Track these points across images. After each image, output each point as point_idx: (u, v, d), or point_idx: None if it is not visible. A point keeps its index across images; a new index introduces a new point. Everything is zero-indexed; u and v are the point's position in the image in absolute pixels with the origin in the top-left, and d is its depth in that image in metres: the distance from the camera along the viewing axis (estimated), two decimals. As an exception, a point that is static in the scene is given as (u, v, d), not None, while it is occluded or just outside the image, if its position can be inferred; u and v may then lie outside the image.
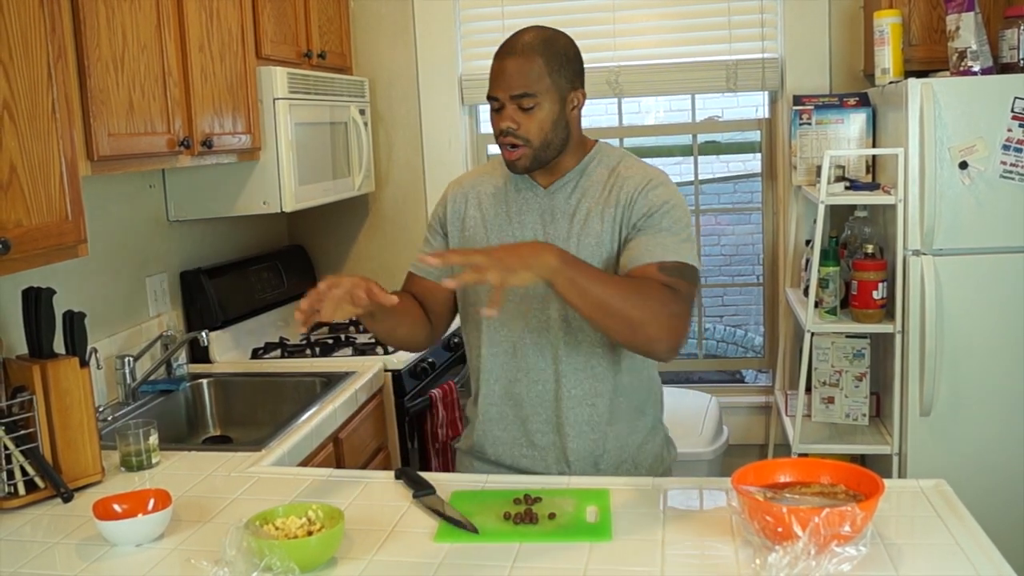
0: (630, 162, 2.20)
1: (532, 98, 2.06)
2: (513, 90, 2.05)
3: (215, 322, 3.41)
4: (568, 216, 2.14)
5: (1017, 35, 3.07)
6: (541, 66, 2.07)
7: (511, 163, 2.11)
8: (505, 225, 2.18)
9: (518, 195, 2.20)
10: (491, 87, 2.10)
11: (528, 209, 2.18)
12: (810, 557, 1.52)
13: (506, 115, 2.07)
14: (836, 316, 3.41)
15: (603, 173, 2.17)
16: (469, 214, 2.24)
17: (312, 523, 1.76)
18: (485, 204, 2.23)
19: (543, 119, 2.08)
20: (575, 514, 1.88)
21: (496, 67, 2.10)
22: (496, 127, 2.09)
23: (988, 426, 3.18)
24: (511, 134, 2.07)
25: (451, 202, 2.28)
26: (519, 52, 2.09)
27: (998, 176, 3.07)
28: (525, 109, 2.06)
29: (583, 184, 2.17)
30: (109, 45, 2.37)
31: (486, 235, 2.20)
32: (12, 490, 2.09)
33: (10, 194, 1.94)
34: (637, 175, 2.13)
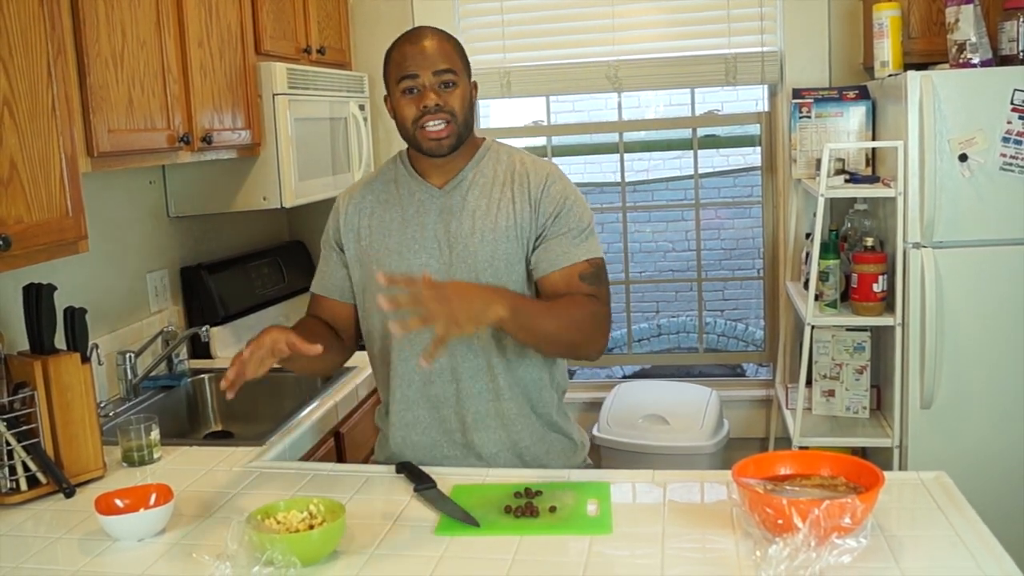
0: (522, 156, 2.23)
1: (453, 74, 2.09)
2: (437, 66, 2.07)
3: (216, 318, 3.42)
4: (469, 213, 2.15)
5: (1016, 27, 3.07)
6: (453, 49, 2.13)
7: (437, 142, 2.09)
8: (404, 229, 2.17)
9: (412, 198, 2.19)
10: (406, 68, 2.08)
11: (426, 210, 2.17)
12: (810, 549, 1.52)
13: (428, 93, 2.07)
14: (836, 309, 3.41)
15: (498, 169, 2.19)
16: (362, 224, 2.23)
17: (313, 517, 1.77)
18: (379, 212, 2.22)
19: (463, 96, 2.11)
20: (576, 507, 1.89)
21: (409, 50, 2.09)
22: (416, 108, 2.08)
23: (988, 418, 3.19)
24: (440, 110, 2.07)
25: (343, 216, 2.28)
26: (432, 36, 2.12)
27: (998, 168, 3.07)
28: (447, 85, 2.08)
29: (479, 181, 2.18)
30: (108, 42, 2.37)
31: (384, 241, 2.19)
32: (14, 485, 2.09)
33: (10, 190, 1.94)
34: (535, 170, 2.18)
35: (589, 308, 2.09)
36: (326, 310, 2.32)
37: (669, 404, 3.95)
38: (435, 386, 2.19)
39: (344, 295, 2.31)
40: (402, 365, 2.20)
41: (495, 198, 2.15)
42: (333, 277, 2.31)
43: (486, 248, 2.12)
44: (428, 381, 2.19)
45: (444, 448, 2.22)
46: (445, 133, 2.09)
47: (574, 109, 7.22)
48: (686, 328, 7.86)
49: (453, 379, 2.18)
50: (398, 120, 2.14)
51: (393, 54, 2.13)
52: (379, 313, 2.18)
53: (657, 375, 4.76)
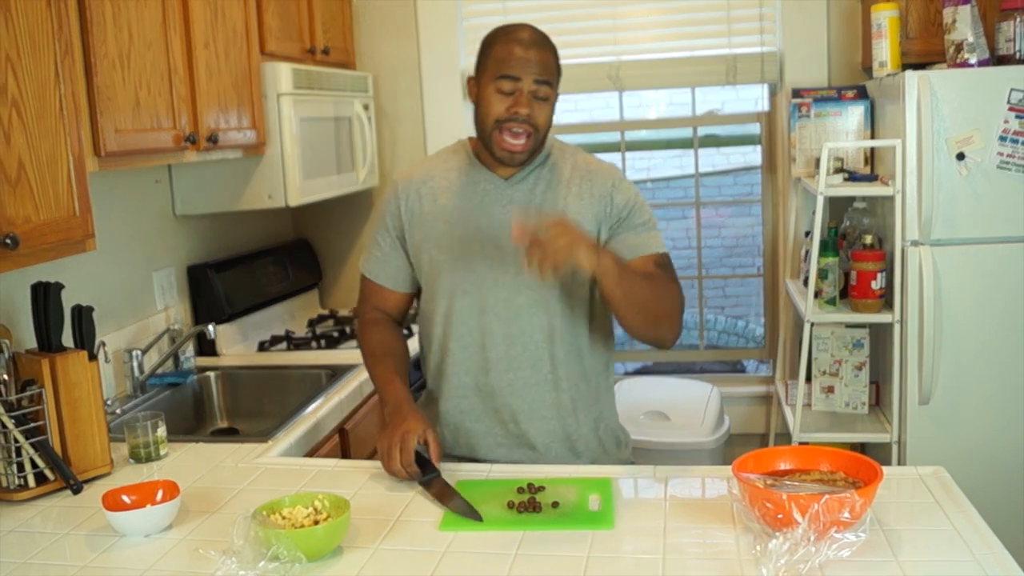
0: (585, 156, 2.27)
1: (550, 88, 2.09)
2: (539, 75, 2.07)
3: (222, 315, 3.43)
4: (536, 206, 2.17)
5: (1013, 27, 3.09)
6: (554, 63, 2.12)
7: (511, 152, 2.10)
8: (469, 218, 2.18)
9: (476, 187, 2.20)
10: (510, 68, 2.07)
11: (491, 201, 2.19)
12: (810, 543, 1.54)
13: (523, 100, 2.06)
14: (835, 306, 3.43)
15: (564, 166, 2.22)
16: (425, 210, 2.23)
17: (319, 513, 1.78)
18: (442, 198, 2.22)
19: (550, 113, 2.12)
20: (578, 502, 1.90)
21: (516, 50, 2.07)
22: (507, 111, 2.07)
23: (986, 414, 3.20)
24: (527, 121, 2.07)
25: (403, 198, 2.26)
26: (539, 44, 2.09)
27: (995, 167, 3.09)
28: (541, 99, 2.08)
29: (545, 176, 2.20)
30: (115, 42, 2.39)
31: (448, 229, 2.19)
32: (22, 482, 2.11)
33: (19, 190, 1.96)
34: (602, 169, 2.22)
35: (674, 289, 2.14)
36: (385, 298, 2.33)
37: (670, 400, 3.96)
38: (492, 375, 2.20)
39: (400, 284, 2.31)
40: (461, 352, 2.22)
41: (562, 193, 2.18)
42: (389, 265, 2.30)
43: None
44: (485, 370, 2.21)
45: (498, 437, 2.24)
46: (521, 148, 2.10)
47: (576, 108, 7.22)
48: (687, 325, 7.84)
49: (510, 368, 2.19)
50: (480, 111, 2.13)
51: (496, 48, 2.11)
52: (445, 299, 2.20)
53: (658, 372, 4.77)
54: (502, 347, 2.18)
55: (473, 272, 2.17)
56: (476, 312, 2.18)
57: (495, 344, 2.19)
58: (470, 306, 2.18)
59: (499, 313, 2.17)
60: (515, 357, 2.19)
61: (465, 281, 2.17)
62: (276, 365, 3.33)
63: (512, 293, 2.16)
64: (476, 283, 2.17)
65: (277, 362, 3.37)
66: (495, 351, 2.19)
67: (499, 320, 2.18)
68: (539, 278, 1.88)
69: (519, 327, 2.17)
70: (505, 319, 2.17)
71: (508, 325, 2.18)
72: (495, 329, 2.18)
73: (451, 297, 2.20)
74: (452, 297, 2.20)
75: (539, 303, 2.17)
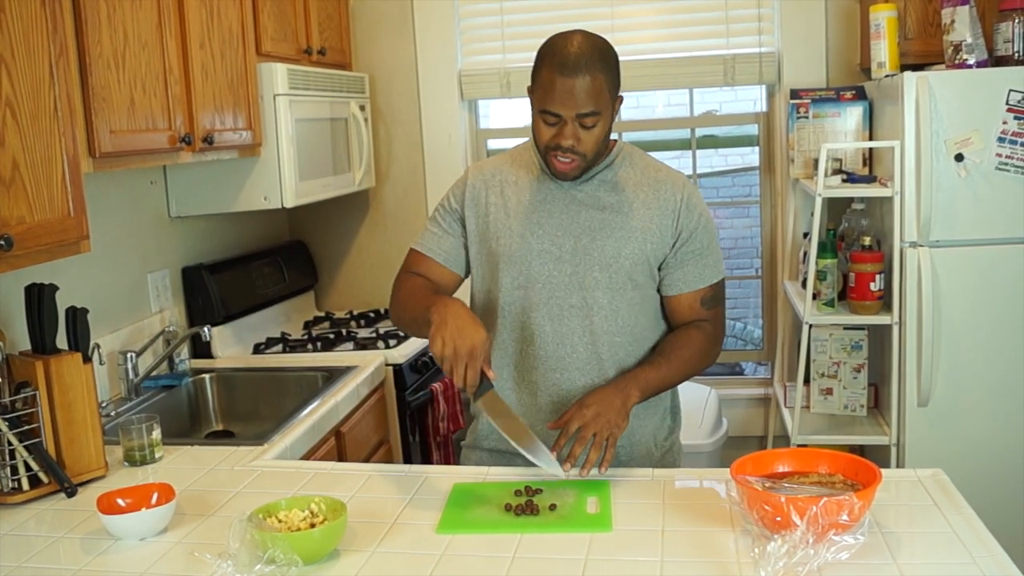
0: (654, 163, 2.26)
1: (596, 116, 2.04)
2: (580, 109, 2.01)
3: (217, 317, 3.42)
4: (599, 208, 2.16)
5: (1012, 28, 3.08)
6: (603, 83, 2.03)
7: (561, 174, 2.10)
8: (530, 213, 2.19)
9: (542, 184, 2.20)
10: (551, 103, 2.02)
11: (554, 199, 2.18)
12: (808, 546, 1.53)
13: (567, 132, 2.03)
14: (834, 308, 3.42)
15: (631, 171, 2.20)
16: (491, 200, 2.24)
17: (315, 516, 1.78)
18: (508, 192, 2.23)
19: (600, 133, 2.08)
20: (576, 505, 1.90)
21: (559, 82, 2.00)
22: (551, 140, 2.05)
23: (985, 416, 3.20)
24: (571, 150, 2.05)
25: (471, 187, 2.27)
26: (584, 69, 2.00)
27: (993, 168, 3.08)
28: (587, 127, 2.05)
29: (610, 178, 2.19)
30: (110, 43, 2.38)
31: (508, 222, 2.20)
32: (16, 485, 2.10)
33: (13, 191, 1.95)
34: (672, 180, 2.20)
35: (698, 344, 2.20)
36: (430, 270, 2.28)
37: (668, 403, 3.95)
38: (537, 372, 2.20)
39: (451, 262, 2.28)
40: (512, 346, 2.22)
41: (627, 199, 2.17)
42: (443, 242, 2.28)
43: (611, 245, 2.13)
44: (531, 367, 2.20)
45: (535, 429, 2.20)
46: (570, 169, 2.09)
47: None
48: (685, 327, 7.85)
49: (557, 368, 2.19)
50: (532, 129, 2.11)
51: (543, 71, 2.03)
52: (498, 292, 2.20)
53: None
54: (551, 345, 2.18)
55: (529, 268, 2.17)
56: (528, 308, 2.18)
57: (544, 342, 2.18)
58: (522, 301, 2.18)
59: (551, 311, 2.17)
60: (563, 357, 2.18)
61: (520, 276, 2.18)
62: (272, 367, 3.32)
63: (566, 292, 2.16)
64: (531, 279, 2.17)
65: (273, 364, 3.36)
66: (544, 349, 2.19)
67: (550, 319, 2.17)
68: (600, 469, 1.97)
69: (569, 327, 2.17)
70: (556, 318, 2.17)
71: (558, 324, 2.17)
72: (545, 327, 2.18)
73: (505, 291, 2.20)
74: (506, 291, 2.19)
75: (591, 306, 2.16)
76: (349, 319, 3.99)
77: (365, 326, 3.86)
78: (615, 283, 2.15)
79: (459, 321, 1.91)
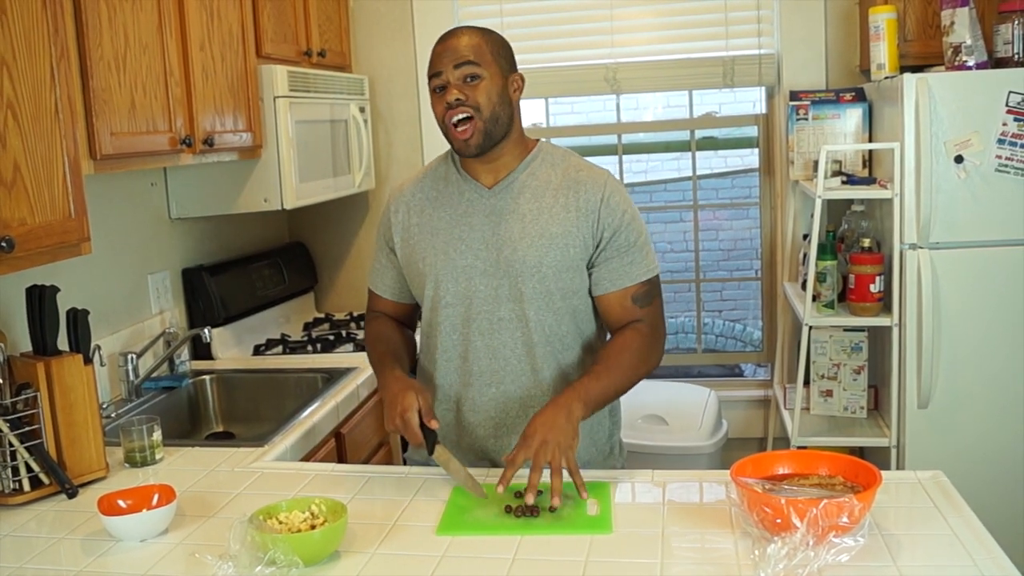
0: (576, 161, 2.22)
1: (476, 66, 2.06)
2: (458, 59, 2.05)
3: (217, 319, 3.42)
4: (519, 216, 2.13)
5: (1011, 29, 3.09)
6: (482, 43, 2.09)
7: (464, 142, 2.08)
8: (452, 228, 2.17)
9: (462, 198, 2.18)
10: (432, 67, 2.09)
11: (474, 211, 2.16)
12: (808, 548, 1.53)
13: (450, 90, 2.06)
14: (834, 310, 3.42)
15: (551, 173, 2.17)
16: (412, 221, 2.22)
17: (315, 517, 1.78)
18: (427, 210, 2.21)
19: (489, 89, 2.07)
20: (576, 507, 1.90)
21: (437, 49, 2.09)
22: (442, 105, 2.07)
23: (985, 418, 3.20)
24: (460, 104, 2.05)
25: (393, 212, 2.27)
26: (461, 34, 2.09)
27: (993, 170, 3.09)
28: (470, 79, 2.06)
29: (530, 184, 2.16)
30: (111, 45, 2.38)
31: (432, 240, 2.18)
32: (17, 486, 2.10)
33: (14, 193, 1.95)
34: (592, 178, 2.16)
35: (636, 346, 2.13)
36: (385, 307, 2.36)
37: (668, 404, 3.96)
38: (473, 388, 2.19)
39: (398, 295, 2.33)
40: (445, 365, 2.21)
41: (547, 204, 2.14)
42: (387, 276, 2.33)
43: (534, 254, 2.11)
44: (466, 383, 2.19)
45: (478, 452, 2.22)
46: (469, 131, 2.07)
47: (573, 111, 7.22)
48: (684, 329, 7.85)
49: (492, 382, 2.18)
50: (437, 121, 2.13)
51: (432, 53, 2.12)
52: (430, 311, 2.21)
53: (656, 375, 4.74)
54: (484, 360, 2.17)
55: (456, 283, 2.15)
56: (459, 324, 2.17)
57: (478, 357, 2.17)
58: (453, 317, 2.17)
59: (481, 326, 2.15)
60: (497, 371, 2.17)
61: (448, 293, 2.16)
62: (272, 369, 3.32)
63: (494, 305, 2.14)
64: (459, 295, 2.15)
65: (273, 366, 3.36)
66: (477, 364, 2.17)
67: (481, 333, 2.16)
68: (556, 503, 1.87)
69: (501, 340, 2.15)
70: (487, 332, 2.15)
71: (490, 338, 2.16)
72: (477, 342, 2.16)
73: (434, 309, 2.19)
74: (436, 309, 2.19)
75: (521, 317, 2.14)
76: (349, 320, 3.99)
77: (364, 328, 3.85)
78: (542, 292, 2.12)
79: (389, 395, 2.06)
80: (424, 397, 2.02)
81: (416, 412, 1.99)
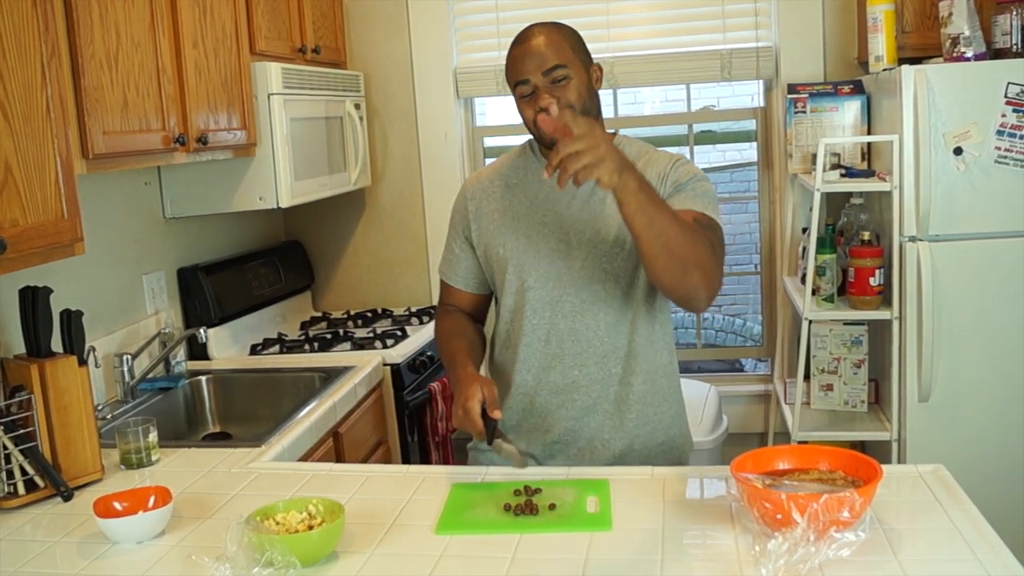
0: (651, 148, 2.24)
1: (564, 69, 2.06)
2: (545, 65, 2.05)
3: (213, 319, 3.41)
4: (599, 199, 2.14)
5: (1009, 20, 3.07)
6: (561, 40, 2.09)
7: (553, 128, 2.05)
8: (533, 213, 2.18)
9: (541, 184, 2.20)
10: (517, 73, 2.07)
11: (556, 197, 2.18)
12: (809, 543, 1.53)
13: (541, 96, 2.05)
14: (834, 303, 3.41)
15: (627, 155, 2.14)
16: (491, 207, 2.24)
17: (313, 517, 1.77)
18: (507, 195, 2.23)
19: (579, 86, 2.08)
20: (575, 504, 1.89)
21: (517, 53, 2.08)
22: (533, 111, 2.06)
23: (986, 411, 3.19)
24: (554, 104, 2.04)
25: (469, 201, 2.28)
26: (538, 34, 2.09)
27: (992, 161, 3.08)
28: (559, 82, 2.06)
29: None
30: (103, 43, 2.36)
31: (513, 224, 2.19)
32: (12, 489, 2.09)
33: (5, 193, 1.94)
34: (663, 158, 2.18)
35: (708, 240, 1.94)
36: (459, 298, 2.35)
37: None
38: (556, 372, 2.19)
39: (472, 285, 2.32)
40: (525, 349, 2.20)
41: None
42: (461, 267, 2.32)
43: (612, 233, 2.11)
44: (548, 367, 2.19)
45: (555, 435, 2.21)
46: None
47: (569, 106, 7.22)
48: (684, 323, 7.85)
49: (575, 364, 2.18)
50: (524, 123, 2.13)
51: (508, 61, 2.11)
52: (512, 295, 2.20)
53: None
54: (568, 342, 2.17)
55: (538, 267, 2.16)
56: (543, 307, 2.17)
57: (561, 340, 2.17)
58: (536, 301, 2.17)
59: (564, 309, 2.16)
60: (579, 353, 2.17)
61: (531, 277, 2.17)
62: (269, 368, 3.31)
63: (578, 288, 2.15)
64: (541, 278, 2.16)
65: (269, 365, 3.35)
66: (561, 347, 2.18)
67: (564, 316, 2.16)
68: (559, 185, 1.73)
69: (585, 323, 2.16)
70: (571, 314, 2.16)
71: (574, 320, 2.16)
72: (560, 325, 2.17)
73: (518, 294, 2.19)
74: (519, 294, 2.19)
75: (605, 297, 2.15)
76: (346, 319, 3.97)
77: (362, 326, 3.85)
78: (627, 271, 2.14)
79: (456, 392, 2.06)
80: (489, 388, 2.01)
81: (478, 402, 1.98)
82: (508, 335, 2.25)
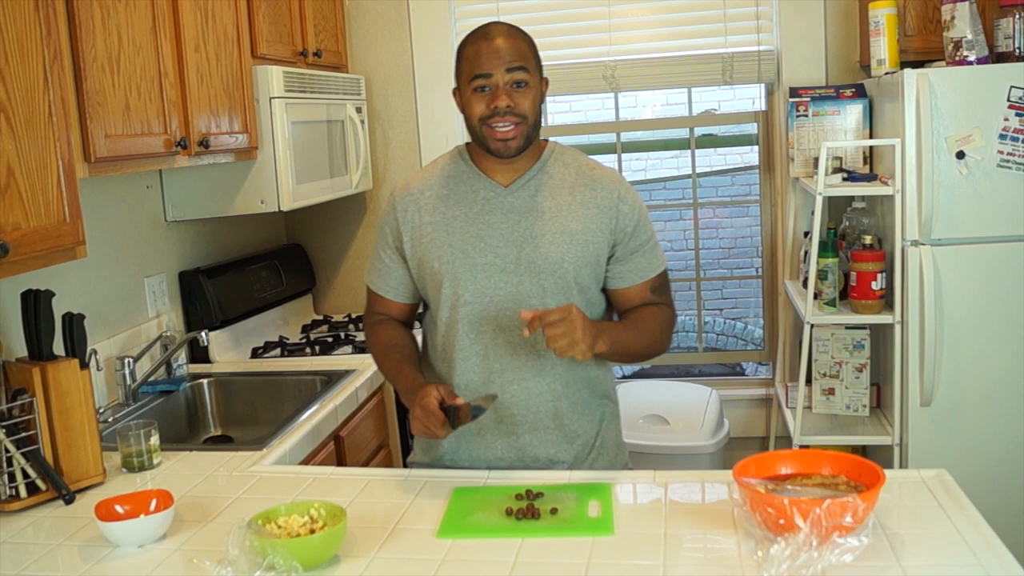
0: (586, 160, 2.25)
1: (526, 72, 2.07)
2: (510, 64, 2.05)
3: (214, 322, 3.41)
4: (539, 214, 2.14)
5: (1012, 24, 3.07)
6: (526, 47, 2.11)
7: (504, 143, 2.08)
8: (469, 226, 2.16)
9: (477, 196, 2.18)
10: (478, 67, 2.07)
11: (492, 209, 2.16)
12: (812, 548, 1.52)
13: (500, 93, 2.05)
14: (835, 307, 3.41)
15: (565, 172, 2.19)
16: (424, 220, 2.20)
17: (314, 521, 1.77)
18: (440, 208, 2.19)
19: (534, 98, 2.09)
20: (577, 509, 1.89)
21: (482, 47, 2.07)
22: (486, 109, 2.06)
23: (988, 415, 3.18)
24: (509, 112, 2.05)
25: (400, 213, 2.23)
26: (505, 33, 2.10)
27: (995, 165, 3.07)
28: (519, 84, 2.07)
29: (547, 182, 2.17)
30: (105, 47, 2.36)
31: (448, 239, 2.16)
32: (14, 492, 2.09)
33: (8, 197, 1.94)
34: (605, 177, 2.21)
35: (659, 319, 2.21)
36: (389, 307, 2.34)
37: (669, 404, 3.95)
38: (494, 386, 2.17)
39: (402, 295, 2.31)
40: (462, 364, 2.19)
41: (565, 201, 2.15)
42: (391, 277, 2.30)
43: (555, 250, 2.12)
44: (487, 381, 2.18)
45: (497, 451, 2.21)
46: (513, 135, 2.07)
47: (571, 109, 7.23)
48: (685, 327, 7.86)
49: (514, 379, 2.17)
50: (466, 116, 2.13)
51: (467, 50, 2.11)
52: (447, 310, 2.18)
53: (657, 375, 4.76)
54: (505, 357, 2.16)
55: (475, 281, 2.14)
56: (478, 322, 2.16)
57: (498, 355, 2.16)
58: (472, 316, 2.16)
59: (500, 324, 2.15)
60: (518, 367, 2.16)
61: (467, 292, 2.15)
62: (270, 372, 3.31)
63: (514, 303, 2.13)
64: (478, 293, 2.15)
65: (271, 368, 3.35)
66: (498, 361, 2.17)
67: (500, 330, 2.15)
68: None
69: (521, 337, 2.14)
70: (507, 329, 2.15)
71: (510, 334, 2.15)
72: (498, 339, 2.16)
73: (453, 308, 2.17)
74: (454, 308, 2.17)
75: None
76: (347, 322, 3.97)
77: (363, 330, 3.84)
78: (563, 287, 2.14)
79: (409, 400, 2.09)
80: (444, 386, 2.03)
81: (434, 397, 1.98)
82: (444, 348, 2.22)
